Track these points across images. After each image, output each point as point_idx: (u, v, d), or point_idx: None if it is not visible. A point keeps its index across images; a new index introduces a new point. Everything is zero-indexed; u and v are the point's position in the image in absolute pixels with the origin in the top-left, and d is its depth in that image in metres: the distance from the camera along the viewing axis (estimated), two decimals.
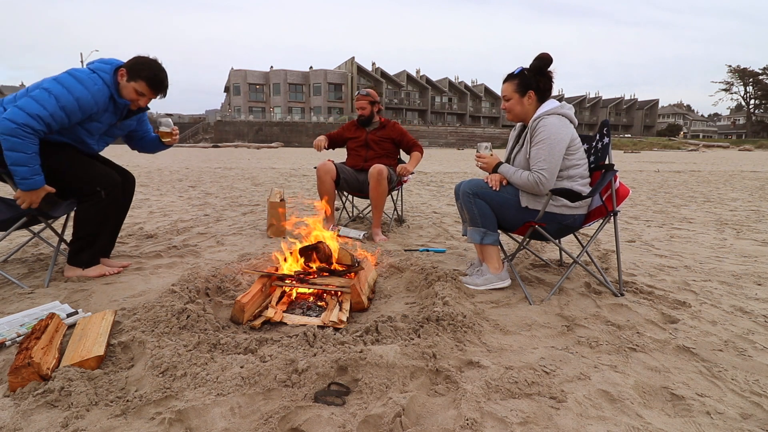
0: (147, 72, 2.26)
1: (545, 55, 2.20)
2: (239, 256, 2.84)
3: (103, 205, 2.36)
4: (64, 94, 2.08)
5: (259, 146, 35.00)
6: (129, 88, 2.26)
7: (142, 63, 2.27)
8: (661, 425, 1.23)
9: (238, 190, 6.80)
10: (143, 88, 2.28)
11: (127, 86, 2.26)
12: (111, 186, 2.37)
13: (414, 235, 3.68)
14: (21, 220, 2.20)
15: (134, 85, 2.26)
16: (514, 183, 2.24)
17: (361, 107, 3.75)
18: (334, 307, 1.90)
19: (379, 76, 55.99)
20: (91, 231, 2.38)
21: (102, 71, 2.23)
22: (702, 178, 9.94)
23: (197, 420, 1.19)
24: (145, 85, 2.27)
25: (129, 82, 2.26)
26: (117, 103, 2.29)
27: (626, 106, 74.31)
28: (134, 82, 2.26)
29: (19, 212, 2.19)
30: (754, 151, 37.02)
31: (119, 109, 2.34)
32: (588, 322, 1.90)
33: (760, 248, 3.29)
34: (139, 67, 2.26)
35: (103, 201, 2.35)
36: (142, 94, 2.30)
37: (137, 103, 2.33)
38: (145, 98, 2.33)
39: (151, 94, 2.33)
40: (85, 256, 2.39)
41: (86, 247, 2.39)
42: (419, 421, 1.22)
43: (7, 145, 1.99)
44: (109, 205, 2.40)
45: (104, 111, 2.26)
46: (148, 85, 2.29)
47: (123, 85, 2.26)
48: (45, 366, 1.35)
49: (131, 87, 2.26)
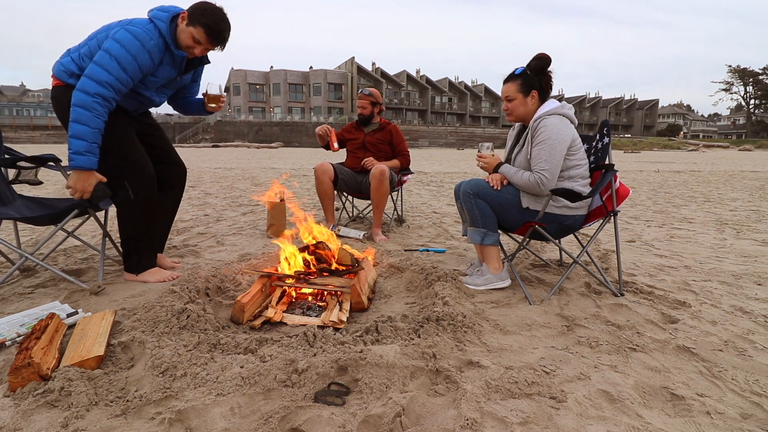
0: (208, 19, 2.12)
1: (544, 54, 2.20)
2: (239, 256, 2.84)
3: (134, 207, 2.24)
4: (123, 54, 2.00)
5: (259, 146, 35.01)
6: (187, 33, 2.13)
7: (205, 8, 2.13)
8: (661, 425, 1.23)
9: (238, 190, 6.80)
10: (201, 35, 2.13)
11: (185, 30, 2.13)
12: (140, 181, 2.22)
13: (414, 235, 3.68)
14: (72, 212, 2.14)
15: (192, 30, 2.12)
16: (515, 183, 2.24)
17: (362, 106, 3.75)
18: (334, 307, 1.90)
19: (379, 76, 55.99)
20: (132, 235, 2.29)
21: (159, 19, 2.11)
22: (702, 178, 9.94)
23: (197, 420, 1.19)
24: (203, 32, 2.13)
25: (188, 27, 2.12)
26: (174, 55, 2.17)
27: (626, 106, 74.30)
28: (192, 27, 2.12)
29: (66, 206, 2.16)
30: (754, 151, 37.02)
31: (177, 62, 2.22)
32: (588, 322, 1.90)
33: (760, 248, 3.29)
34: (201, 12, 2.12)
35: (134, 203, 2.22)
36: (198, 42, 2.15)
37: (192, 51, 2.19)
38: (201, 47, 2.18)
39: (208, 43, 2.17)
40: (133, 261, 2.32)
41: (132, 253, 2.31)
42: (419, 421, 1.22)
43: (74, 115, 1.94)
44: (145, 208, 2.26)
45: (161, 64, 2.15)
46: (206, 33, 2.13)
47: (181, 29, 2.13)
48: (45, 366, 1.35)
49: (189, 32, 2.13)
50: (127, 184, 2.20)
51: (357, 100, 3.81)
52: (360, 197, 3.85)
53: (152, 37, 2.08)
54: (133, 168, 2.23)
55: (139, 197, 2.23)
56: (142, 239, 2.33)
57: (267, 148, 33.95)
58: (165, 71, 2.22)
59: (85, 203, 2.13)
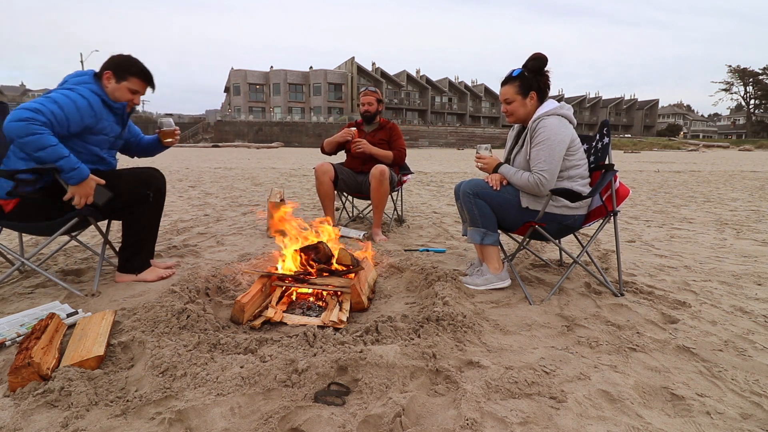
0: (135, 68, 2.21)
1: (541, 54, 2.20)
2: (239, 256, 2.84)
3: (151, 208, 2.33)
4: (60, 97, 2.01)
5: (259, 146, 34.99)
6: (122, 89, 2.20)
7: (126, 61, 2.21)
8: (661, 425, 1.23)
9: (238, 190, 6.80)
10: (137, 84, 2.22)
11: (119, 88, 2.19)
12: (157, 185, 2.34)
13: (414, 235, 3.68)
14: (72, 221, 2.11)
15: (126, 84, 2.20)
16: (515, 184, 2.24)
17: (368, 102, 3.70)
18: (334, 307, 1.90)
19: (379, 76, 55.99)
20: (142, 236, 2.37)
21: (83, 84, 2.14)
22: (702, 178, 9.94)
23: (197, 420, 1.19)
24: (138, 80, 2.22)
25: (120, 83, 2.19)
26: (113, 108, 2.22)
27: (626, 106, 74.29)
28: (126, 82, 2.19)
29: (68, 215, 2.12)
30: (754, 151, 37.01)
31: (119, 114, 2.28)
32: (588, 322, 1.90)
33: (760, 248, 3.29)
34: (125, 65, 2.19)
35: (151, 204, 2.32)
36: (136, 92, 2.24)
37: (133, 102, 2.27)
38: (138, 95, 2.27)
39: (145, 88, 2.27)
40: (136, 262, 2.37)
41: (137, 253, 2.36)
42: (419, 421, 1.22)
43: (30, 147, 1.91)
44: (157, 208, 2.39)
45: (102, 119, 2.18)
46: (142, 80, 2.23)
47: (113, 88, 2.19)
48: (45, 366, 1.35)
49: (123, 87, 2.20)
50: (150, 193, 2.29)
51: (361, 97, 3.75)
52: (360, 197, 3.84)
53: (84, 94, 2.09)
54: (148, 176, 2.32)
55: (156, 198, 2.33)
56: (149, 239, 2.43)
57: (267, 148, 33.94)
58: (111, 127, 2.24)
59: (86, 211, 2.13)
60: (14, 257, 2.16)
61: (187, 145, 37.34)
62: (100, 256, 2.33)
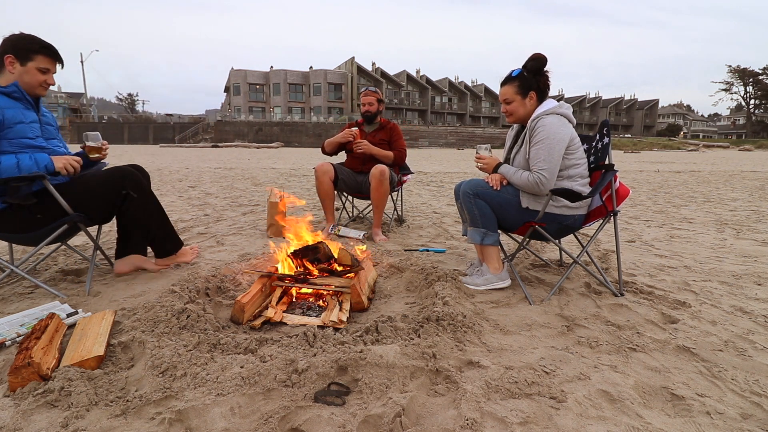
0: (36, 45, 2.02)
1: (540, 55, 2.21)
2: (239, 256, 2.84)
3: (138, 203, 2.30)
4: None
5: (259, 146, 34.99)
6: (30, 71, 2.01)
7: (23, 39, 2.01)
8: (661, 425, 1.23)
9: (238, 190, 6.80)
10: (44, 62, 2.04)
11: (26, 70, 2.01)
12: (133, 180, 2.27)
13: (414, 235, 3.68)
14: (62, 227, 2.09)
15: (32, 64, 2.01)
16: (515, 183, 2.24)
17: (369, 102, 3.70)
18: (334, 307, 1.90)
19: (379, 76, 55.99)
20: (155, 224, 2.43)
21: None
22: (702, 178, 9.94)
23: (197, 420, 1.19)
24: (44, 57, 2.03)
25: (25, 64, 2.00)
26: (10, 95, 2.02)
27: (626, 106, 74.29)
28: (31, 62, 2.01)
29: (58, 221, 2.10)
30: (754, 151, 37.01)
31: (18, 98, 2.06)
32: (588, 322, 1.90)
33: (760, 248, 3.29)
34: (24, 44, 2.01)
35: (136, 200, 2.29)
36: (47, 70, 2.06)
37: (46, 83, 2.09)
38: (50, 74, 2.09)
39: (54, 65, 2.09)
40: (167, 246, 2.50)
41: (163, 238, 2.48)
42: (419, 421, 1.22)
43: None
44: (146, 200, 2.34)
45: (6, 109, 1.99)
46: (48, 56, 2.05)
47: (21, 72, 2.00)
48: (45, 366, 1.35)
49: (30, 68, 2.01)
50: (129, 192, 2.27)
51: (362, 98, 3.75)
52: (360, 197, 3.84)
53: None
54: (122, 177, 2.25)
55: (141, 193, 2.33)
56: (164, 222, 2.49)
57: (267, 148, 33.94)
58: (20, 113, 2.06)
59: (75, 218, 2.11)
60: (4, 264, 2.11)
61: (187, 145, 37.36)
62: (90, 261, 2.32)
